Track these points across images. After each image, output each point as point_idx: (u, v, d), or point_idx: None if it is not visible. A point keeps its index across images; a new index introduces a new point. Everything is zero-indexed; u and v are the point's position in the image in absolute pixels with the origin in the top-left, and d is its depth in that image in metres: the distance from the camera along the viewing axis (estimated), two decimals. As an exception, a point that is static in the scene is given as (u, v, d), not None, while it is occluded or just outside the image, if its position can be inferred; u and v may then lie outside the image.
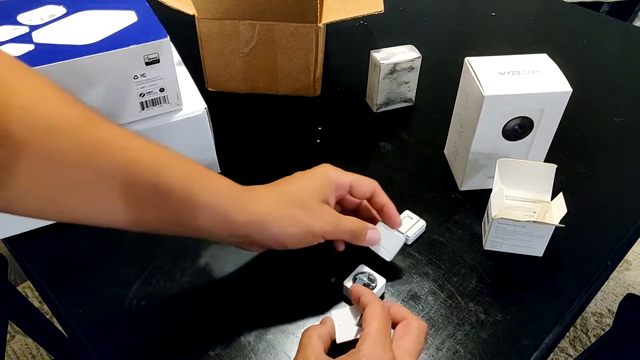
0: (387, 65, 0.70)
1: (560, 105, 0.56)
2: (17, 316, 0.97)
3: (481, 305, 0.52)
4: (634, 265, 1.51)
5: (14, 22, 0.53)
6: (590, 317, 1.38)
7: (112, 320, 0.50)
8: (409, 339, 0.41)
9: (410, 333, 0.41)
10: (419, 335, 0.41)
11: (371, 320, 0.41)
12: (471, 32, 0.94)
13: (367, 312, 0.42)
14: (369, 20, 0.95)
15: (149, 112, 0.56)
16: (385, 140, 0.71)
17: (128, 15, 0.54)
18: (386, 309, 0.42)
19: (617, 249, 0.58)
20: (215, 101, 0.72)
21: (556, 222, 0.52)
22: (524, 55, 0.59)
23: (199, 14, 0.70)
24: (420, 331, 0.42)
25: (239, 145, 0.69)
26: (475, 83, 0.55)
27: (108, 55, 0.50)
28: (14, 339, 1.32)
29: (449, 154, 0.68)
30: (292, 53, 0.72)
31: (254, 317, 0.50)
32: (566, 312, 0.52)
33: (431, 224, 0.60)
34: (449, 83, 0.67)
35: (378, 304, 0.42)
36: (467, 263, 0.56)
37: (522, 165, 0.57)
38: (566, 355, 1.30)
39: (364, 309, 0.43)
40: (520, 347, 0.48)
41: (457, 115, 0.63)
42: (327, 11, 0.72)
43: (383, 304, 0.43)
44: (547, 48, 0.61)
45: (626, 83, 0.83)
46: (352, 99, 0.78)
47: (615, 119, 0.75)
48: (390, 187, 0.64)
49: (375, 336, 0.40)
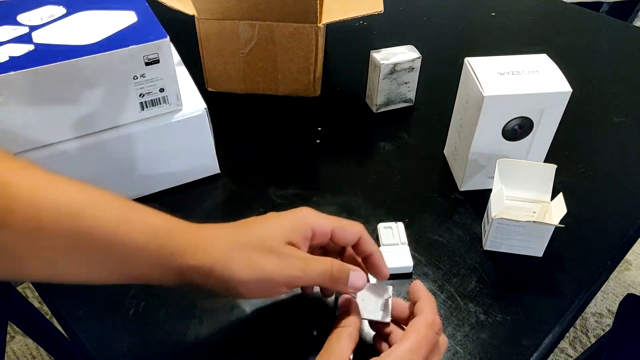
0: (387, 66, 0.70)
1: (560, 106, 0.56)
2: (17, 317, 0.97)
3: (481, 306, 0.52)
4: (634, 265, 1.51)
5: (14, 22, 0.53)
6: (590, 318, 1.38)
7: (111, 320, 0.50)
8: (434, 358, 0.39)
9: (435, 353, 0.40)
10: (440, 352, 0.40)
11: (408, 336, 0.38)
12: (471, 32, 0.94)
13: (411, 323, 0.39)
14: (369, 20, 0.95)
15: (148, 113, 0.56)
16: (385, 140, 0.71)
17: (128, 16, 0.54)
18: (436, 326, 0.39)
19: (617, 249, 0.58)
20: (215, 101, 0.72)
21: (556, 222, 0.52)
22: (524, 55, 0.59)
23: (198, 14, 0.69)
24: (443, 346, 0.41)
25: (239, 145, 0.69)
26: (475, 83, 0.55)
27: (108, 55, 0.50)
28: (14, 340, 1.32)
29: (448, 154, 0.68)
30: (291, 53, 0.72)
31: (254, 317, 0.50)
32: (566, 312, 0.51)
33: (431, 224, 0.60)
34: (449, 83, 0.67)
35: (426, 320, 0.39)
36: (467, 263, 0.56)
37: (522, 165, 0.57)
38: (566, 355, 1.30)
39: (415, 317, 0.40)
40: (520, 347, 0.48)
41: (457, 115, 0.63)
42: (327, 11, 0.72)
43: (434, 322, 0.39)
44: (547, 48, 0.61)
45: (626, 83, 0.82)
46: (352, 99, 0.78)
47: (615, 119, 0.75)
48: (390, 187, 0.64)
49: (404, 354, 0.37)
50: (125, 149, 0.57)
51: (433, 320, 0.39)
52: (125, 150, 0.57)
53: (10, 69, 0.46)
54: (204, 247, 0.38)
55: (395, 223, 0.57)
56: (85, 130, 0.54)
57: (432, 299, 0.42)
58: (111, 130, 0.55)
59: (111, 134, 0.55)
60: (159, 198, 0.61)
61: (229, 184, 0.64)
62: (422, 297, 0.41)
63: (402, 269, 0.54)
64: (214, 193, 0.63)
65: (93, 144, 0.55)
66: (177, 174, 0.62)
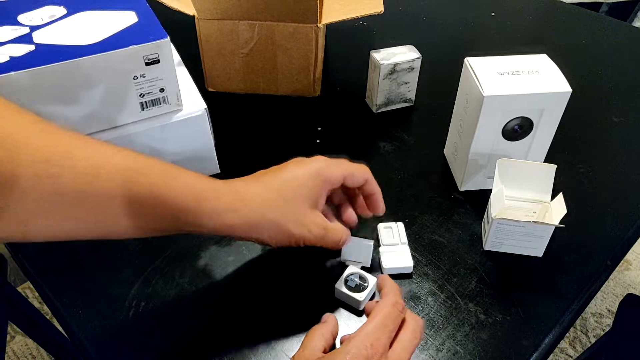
0: (387, 66, 0.70)
1: (560, 106, 0.56)
2: (17, 317, 0.97)
3: (481, 306, 0.52)
4: (634, 265, 1.51)
5: (15, 22, 0.53)
6: (590, 318, 1.38)
7: (111, 320, 0.50)
8: (404, 334, 0.41)
9: (406, 328, 0.42)
10: (414, 330, 0.42)
11: (374, 315, 0.41)
12: (471, 32, 0.94)
13: (377, 304, 0.42)
14: (369, 20, 0.95)
15: (148, 113, 0.56)
16: (385, 141, 0.71)
17: (128, 16, 0.54)
18: (399, 305, 0.42)
19: (617, 249, 0.58)
20: (215, 101, 0.72)
21: (556, 222, 0.52)
22: (523, 55, 0.59)
23: (198, 14, 0.70)
24: (416, 326, 0.42)
25: (239, 146, 0.69)
26: (475, 83, 0.55)
27: (108, 55, 0.50)
28: (13, 340, 1.32)
29: (449, 154, 0.68)
30: (291, 53, 0.72)
31: (253, 317, 0.50)
32: (566, 312, 0.52)
33: (431, 224, 0.60)
34: (449, 83, 0.67)
35: (389, 301, 0.42)
36: (467, 263, 0.56)
37: (522, 165, 0.57)
38: (566, 355, 1.30)
39: (380, 300, 0.43)
40: (520, 347, 0.48)
41: (457, 115, 0.63)
42: (327, 11, 0.72)
43: (397, 302, 0.42)
44: (547, 48, 0.61)
45: (626, 83, 0.83)
46: (352, 99, 0.78)
47: (615, 119, 0.75)
48: (390, 187, 0.64)
49: (371, 331, 0.40)
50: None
51: (396, 301, 0.42)
52: (126, 150, 0.57)
53: (10, 69, 0.46)
54: (251, 204, 0.45)
55: (395, 223, 0.57)
56: (85, 130, 0.54)
57: (395, 285, 0.45)
58: (111, 130, 0.55)
59: (111, 134, 0.55)
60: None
61: (229, 184, 0.64)
62: (387, 285, 0.45)
63: (402, 269, 0.54)
64: (214, 193, 0.63)
65: (93, 144, 0.55)
66: (177, 174, 0.62)
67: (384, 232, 0.57)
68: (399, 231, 0.57)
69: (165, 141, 0.58)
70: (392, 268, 0.54)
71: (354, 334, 0.40)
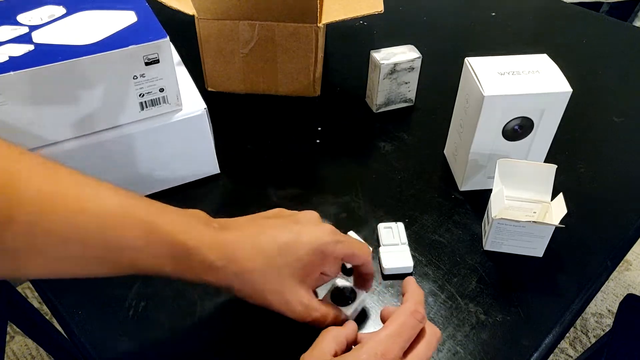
0: (387, 66, 0.70)
1: (560, 106, 0.56)
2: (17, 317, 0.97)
3: (481, 306, 0.52)
4: (634, 265, 1.51)
5: (14, 22, 0.52)
6: (590, 318, 1.38)
7: (111, 320, 0.50)
8: (420, 345, 0.40)
9: (422, 339, 0.41)
10: (429, 342, 0.41)
11: (390, 322, 0.40)
12: (471, 32, 0.94)
13: (395, 311, 0.41)
14: (369, 20, 0.95)
15: (148, 113, 0.56)
16: (385, 141, 0.71)
17: (128, 16, 0.54)
18: (418, 315, 0.40)
19: (617, 249, 0.58)
20: (215, 101, 0.72)
21: (556, 222, 0.52)
22: (524, 55, 0.59)
23: (198, 14, 0.69)
24: (432, 337, 0.41)
25: (238, 146, 0.69)
26: (475, 83, 0.55)
27: (107, 55, 0.50)
28: (13, 340, 1.32)
29: (449, 154, 0.68)
30: (291, 53, 0.72)
31: (254, 316, 0.50)
32: (566, 312, 0.51)
33: (431, 224, 0.60)
34: (449, 83, 0.67)
35: (407, 309, 0.41)
36: (467, 264, 0.56)
37: (522, 165, 0.57)
38: (566, 355, 1.30)
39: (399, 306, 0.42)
40: (521, 347, 0.48)
41: (457, 115, 0.63)
42: (327, 11, 0.72)
43: (416, 310, 0.41)
44: (547, 48, 0.61)
45: (626, 83, 0.82)
46: (352, 99, 0.78)
47: (615, 119, 0.75)
48: (390, 187, 0.64)
49: (383, 339, 0.39)
50: (125, 149, 0.57)
51: (415, 309, 0.41)
52: (125, 150, 0.57)
53: (10, 69, 0.46)
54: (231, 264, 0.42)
55: (395, 223, 0.57)
56: (85, 130, 0.54)
57: (418, 290, 0.43)
58: (111, 130, 0.55)
59: (111, 133, 0.55)
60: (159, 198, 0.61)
61: (229, 184, 0.64)
62: (409, 290, 0.43)
63: (402, 269, 0.54)
64: (214, 193, 0.63)
65: (93, 143, 0.55)
66: (177, 174, 0.62)
67: (384, 232, 0.56)
68: (399, 231, 0.57)
69: (165, 141, 0.58)
70: (392, 268, 0.54)
71: (367, 338, 0.39)
